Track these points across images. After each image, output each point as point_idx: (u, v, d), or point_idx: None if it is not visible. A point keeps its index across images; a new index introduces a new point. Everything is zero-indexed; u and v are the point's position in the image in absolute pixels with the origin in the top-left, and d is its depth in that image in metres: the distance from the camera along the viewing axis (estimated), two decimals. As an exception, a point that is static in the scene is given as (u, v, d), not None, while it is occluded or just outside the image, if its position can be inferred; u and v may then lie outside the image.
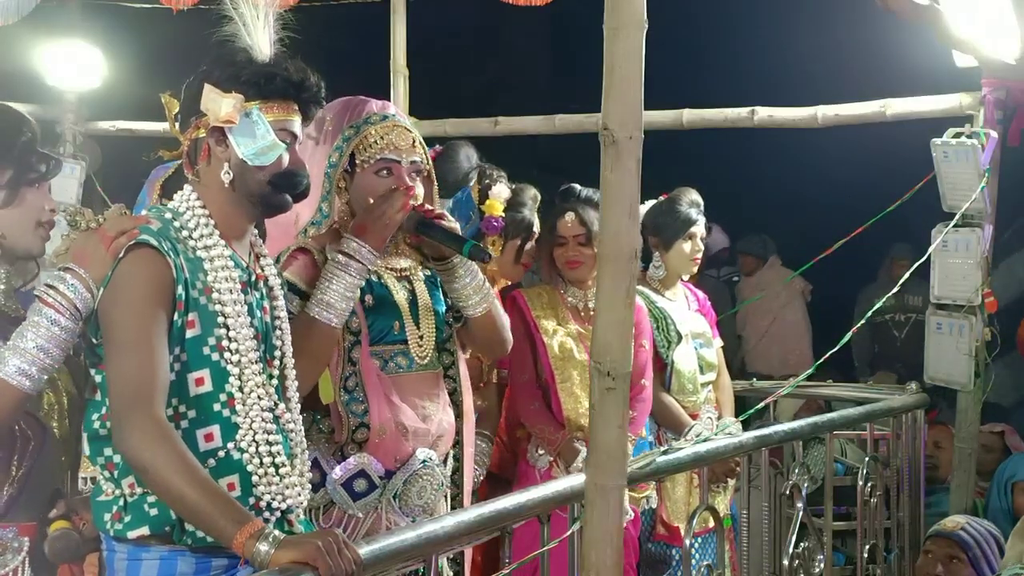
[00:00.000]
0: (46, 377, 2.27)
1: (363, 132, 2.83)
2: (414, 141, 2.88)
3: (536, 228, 3.87)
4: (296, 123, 2.41)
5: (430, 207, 2.87)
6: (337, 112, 2.88)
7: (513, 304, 3.78)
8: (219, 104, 2.31)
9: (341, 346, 2.79)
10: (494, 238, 3.78)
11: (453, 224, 2.86)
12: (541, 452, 3.73)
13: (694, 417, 4.02)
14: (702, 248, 4.18)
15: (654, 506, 3.97)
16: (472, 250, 2.78)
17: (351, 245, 2.71)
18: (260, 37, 2.39)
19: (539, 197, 3.91)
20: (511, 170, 3.95)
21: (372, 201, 2.79)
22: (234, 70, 2.34)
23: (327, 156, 2.84)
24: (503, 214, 3.75)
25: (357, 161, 2.82)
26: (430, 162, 2.96)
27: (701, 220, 4.14)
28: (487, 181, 3.76)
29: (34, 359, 2.23)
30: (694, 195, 4.17)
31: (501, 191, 3.74)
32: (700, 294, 4.35)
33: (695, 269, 4.21)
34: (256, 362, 2.36)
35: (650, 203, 4.14)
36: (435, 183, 3.01)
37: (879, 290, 4.33)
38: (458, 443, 3.00)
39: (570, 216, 3.79)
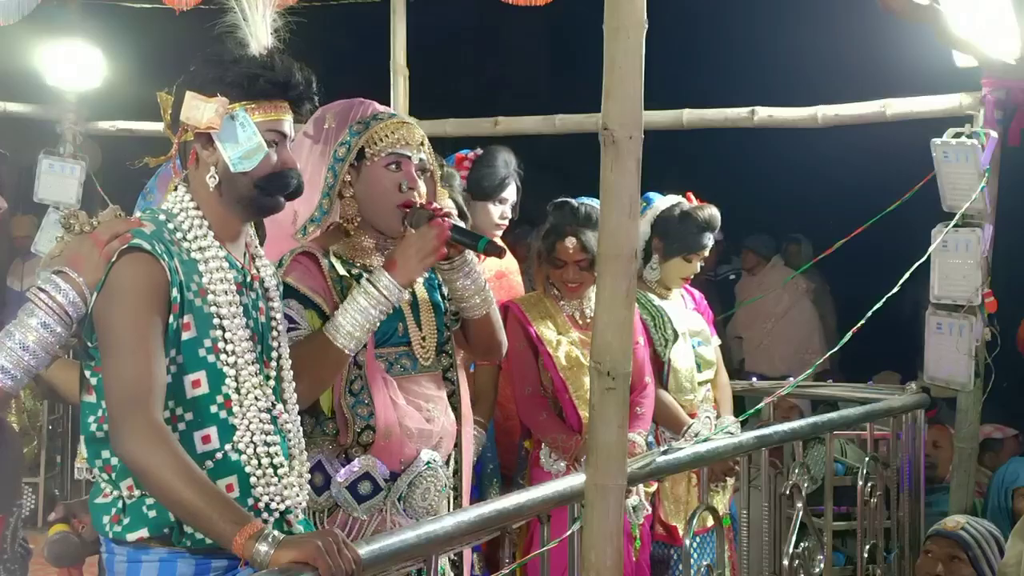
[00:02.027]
0: (28, 379, 2.27)
1: (373, 127, 2.82)
2: (422, 140, 2.88)
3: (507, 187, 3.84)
4: (286, 122, 2.39)
5: (438, 205, 2.87)
6: (339, 112, 2.87)
7: (510, 315, 3.76)
8: (200, 110, 2.29)
9: None
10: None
11: (460, 221, 2.87)
12: (555, 457, 3.70)
13: (692, 416, 4.02)
14: (697, 270, 4.13)
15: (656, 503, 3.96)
16: (488, 246, 2.77)
17: (383, 282, 2.66)
18: (259, 28, 2.38)
19: (511, 162, 3.90)
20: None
21: (405, 232, 2.75)
22: (218, 72, 2.32)
23: (329, 154, 2.82)
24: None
25: (366, 154, 2.81)
26: (435, 162, 2.96)
27: (711, 244, 4.10)
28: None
29: (19, 359, 2.23)
30: (714, 215, 4.05)
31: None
32: (696, 293, 4.34)
33: (683, 286, 4.17)
34: (253, 363, 2.35)
35: (670, 200, 4.09)
36: (438, 183, 3.01)
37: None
38: (458, 444, 3.00)
39: (571, 242, 3.74)
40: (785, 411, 5.60)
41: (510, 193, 3.89)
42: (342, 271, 2.79)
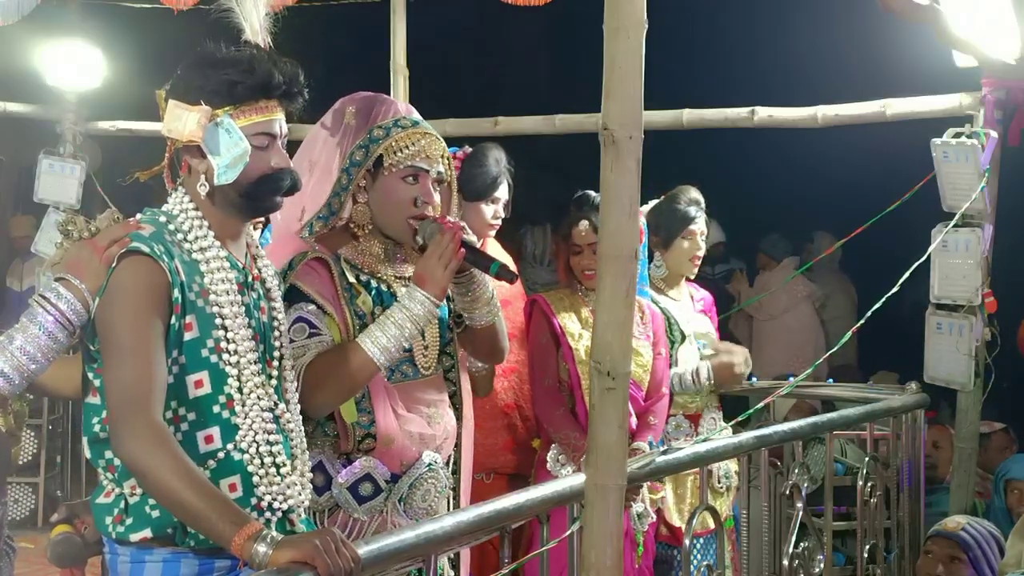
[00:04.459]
0: (27, 384, 2.27)
1: (394, 135, 2.79)
2: (443, 152, 2.86)
3: (500, 187, 3.82)
4: (275, 122, 2.38)
5: (452, 220, 2.85)
6: (361, 108, 2.84)
7: (536, 308, 3.78)
8: (183, 121, 2.28)
9: None
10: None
11: (474, 237, 2.85)
12: (563, 460, 3.69)
13: (696, 418, 4.03)
14: (702, 246, 4.15)
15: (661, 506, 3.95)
16: (500, 270, 2.76)
17: (418, 297, 2.66)
18: (252, 16, 2.38)
19: (502, 159, 3.87)
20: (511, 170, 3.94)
21: (423, 245, 2.74)
22: (200, 79, 2.31)
23: (347, 152, 2.80)
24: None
25: (384, 163, 2.78)
26: (452, 173, 2.94)
27: (701, 218, 4.11)
28: None
29: (19, 363, 2.23)
30: (694, 193, 4.15)
31: None
32: (706, 295, 4.33)
33: (695, 269, 4.19)
34: (255, 363, 2.36)
35: (652, 203, 4.13)
36: (454, 193, 3.00)
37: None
38: (458, 445, 2.99)
39: (584, 224, 3.76)
40: (807, 413, 5.58)
41: (502, 192, 3.83)
42: (351, 278, 2.78)
